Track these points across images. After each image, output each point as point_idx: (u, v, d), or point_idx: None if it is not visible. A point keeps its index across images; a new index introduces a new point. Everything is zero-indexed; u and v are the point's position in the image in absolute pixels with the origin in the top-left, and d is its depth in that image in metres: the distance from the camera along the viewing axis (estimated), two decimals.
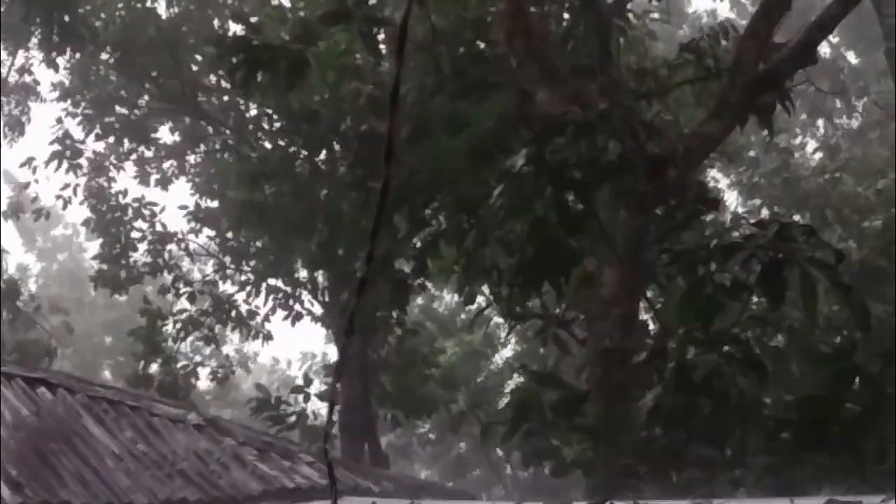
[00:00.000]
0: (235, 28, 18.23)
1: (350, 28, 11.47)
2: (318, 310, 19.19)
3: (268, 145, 17.78)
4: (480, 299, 13.86)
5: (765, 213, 18.77)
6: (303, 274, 18.94)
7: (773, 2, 8.98)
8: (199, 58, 19.51)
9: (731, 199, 21.42)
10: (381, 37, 11.54)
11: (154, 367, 20.09)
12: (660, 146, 9.33)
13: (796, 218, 15.22)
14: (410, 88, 12.51)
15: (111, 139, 20.72)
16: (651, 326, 12.11)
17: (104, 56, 19.96)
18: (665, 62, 12.02)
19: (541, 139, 8.69)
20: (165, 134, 21.73)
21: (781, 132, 20.30)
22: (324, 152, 16.08)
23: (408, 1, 2.83)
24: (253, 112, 18.82)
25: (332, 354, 16.04)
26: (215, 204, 20.50)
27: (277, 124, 16.90)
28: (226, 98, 19.86)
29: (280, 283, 19.37)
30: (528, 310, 10.89)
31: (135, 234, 20.75)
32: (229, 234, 20.15)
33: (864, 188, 14.60)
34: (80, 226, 23.97)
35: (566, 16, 11.99)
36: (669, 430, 8.34)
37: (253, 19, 14.16)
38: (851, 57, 30.02)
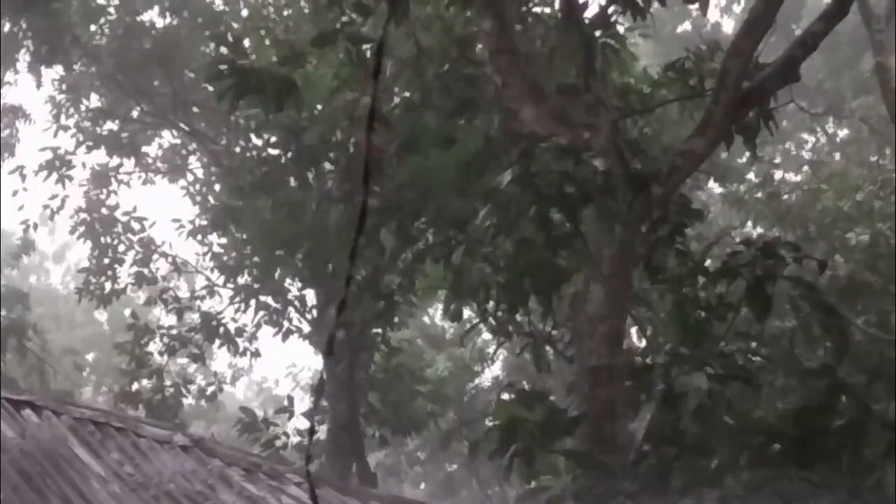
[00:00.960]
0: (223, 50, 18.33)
1: (339, 49, 11.51)
2: (306, 327, 19.16)
3: (257, 157, 17.79)
4: (468, 314, 13.88)
5: (748, 226, 18.88)
6: (292, 291, 18.91)
7: (756, 20, 9.04)
8: (190, 74, 19.54)
9: (715, 213, 21.52)
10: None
11: (140, 384, 20.03)
12: (644, 164, 9.38)
13: (779, 232, 15.31)
14: (398, 104, 12.56)
15: (101, 150, 20.74)
16: (637, 343, 12.14)
17: (95, 69, 19.98)
18: (648, 79, 12.09)
19: (525, 158, 8.74)
20: (156, 146, 21.81)
21: (766, 144, 20.42)
22: (313, 166, 16.09)
23: (383, 29, 2.85)
24: (242, 123, 18.85)
25: (323, 372, 15.98)
26: (205, 220, 20.50)
27: (266, 137, 16.90)
28: (215, 112, 19.90)
29: (269, 300, 19.34)
30: (517, 327, 10.93)
31: (122, 248, 20.73)
32: (217, 248, 20.13)
33: (843, 202, 14.71)
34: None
35: (550, 34, 12.04)
36: (658, 447, 8.36)
37: (245, 42, 14.21)
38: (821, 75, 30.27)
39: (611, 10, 10.36)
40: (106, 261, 20.64)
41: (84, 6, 19.20)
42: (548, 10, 12.11)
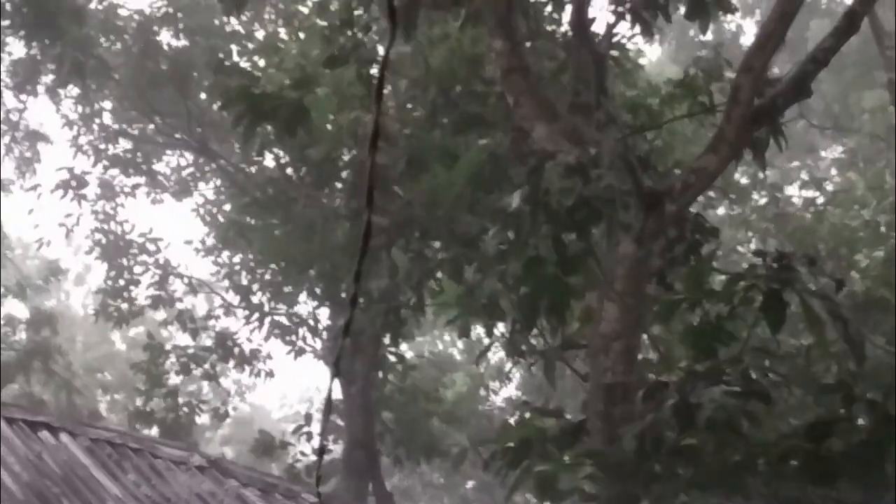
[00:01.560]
0: (237, 60, 18.47)
1: (348, 70, 11.58)
2: (319, 346, 19.20)
3: (265, 178, 17.88)
4: (479, 333, 13.84)
5: (756, 244, 18.86)
6: (306, 310, 18.97)
7: (768, 36, 9.05)
8: (202, 95, 19.70)
9: (725, 234, 21.50)
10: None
11: (154, 403, 20.13)
12: (655, 180, 9.40)
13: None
14: (407, 123, 12.62)
15: (117, 171, 20.89)
16: (652, 359, 12.10)
17: (108, 91, 20.16)
18: (656, 91, 12.10)
19: (535, 177, 8.76)
20: (168, 165, 21.95)
21: (770, 167, 20.41)
22: (321, 184, 16.16)
23: (385, 50, 2.89)
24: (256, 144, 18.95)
25: (337, 391, 16.02)
26: (214, 239, 20.61)
27: (275, 154, 17.01)
28: (228, 131, 20.01)
29: (283, 319, 19.40)
30: (530, 346, 10.91)
31: (138, 269, 20.85)
32: (230, 267, 20.20)
33: (850, 219, 14.69)
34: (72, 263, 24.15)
35: (559, 52, 12.10)
36: (672, 463, 8.34)
37: (259, 62, 14.27)
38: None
39: (620, 26, 10.40)
40: (122, 282, 20.77)
41: (103, 27, 19.39)
42: (556, 28, 12.18)
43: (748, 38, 29.96)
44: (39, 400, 21.33)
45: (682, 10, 10.55)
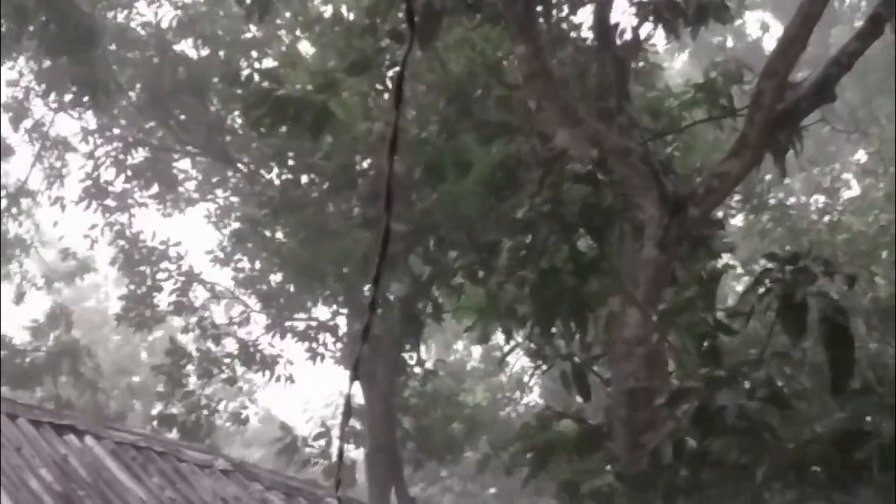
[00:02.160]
0: (257, 67, 18.55)
1: (370, 77, 11.59)
2: (339, 351, 19.26)
3: (284, 181, 17.95)
4: (498, 339, 13.85)
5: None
6: (325, 315, 19.03)
7: (791, 40, 9.03)
8: (216, 100, 19.82)
9: (742, 244, 21.41)
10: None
11: (176, 406, 20.25)
12: (676, 184, 9.38)
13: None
14: (424, 130, 12.65)
15: (140, 181, 21.02)
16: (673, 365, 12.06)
17: (126, 102, 20.31)
18: (676, 95, 12.07)
19: (549, 187, 8.77)
20: (186, 172, 22.07)
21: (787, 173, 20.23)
22: (338, 191, 16.20)
23: (404, 55, 2.90)
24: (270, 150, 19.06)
25: (359, 395, 16.06)
26: (230, 244, 20.73)
27: (292, 162, 17.07)
28: (244, 138, 20.14)
29: (302, 325, 19.47)
30: (553, 351, 10.89)
31: (161, 275, 20.99)
32: (249, 269, 20.29)
33: (866, 226, 14.60)
34: (108, 266, 24.35)
35: (581, 57, 12.09)
36: (696, 469, 8.31)
37: (273, 65, 14.32)
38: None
39: (643, 30, 10.39)
40: (143, 289, 20.90)
41: (121, 39, 19.52)
42: (577, 32, 12.18)
43: (769, 44, 29.84)
44: (67, 401, 21.49)
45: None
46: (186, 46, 20.34)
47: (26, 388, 21.61)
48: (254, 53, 20.04)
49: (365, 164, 14.78)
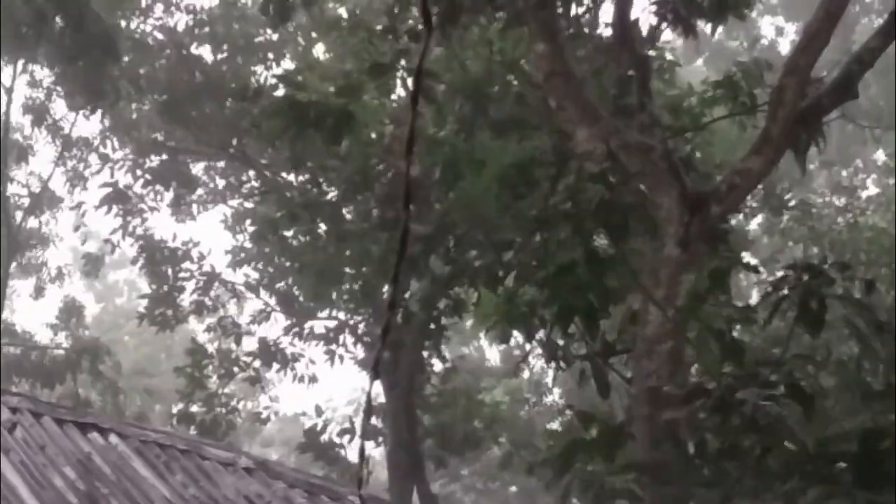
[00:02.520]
0: (274, 72, 18.61)
1: (390, 79, 11.58)
2: (360, 352, 19.29)
3: (302, 183, 18.00)
4: (517, 340, 13.83)
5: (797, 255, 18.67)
6: (343, 315, 19.05)
7: (813, 37, 8.98)
8: (232, 103, 19.87)
9: (762, 243, 21.34)
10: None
11: (196, 406, 20.35)
12: (696, 182, 9.36)
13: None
14: (442, 129, 12.64)
15: (158, 185, 21.11)
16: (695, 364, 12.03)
17: (145, 105, 20.42)
18: (696, 94, 12.04)
19: (568, 185, 8.76)
20: (203, 174, 22.15)
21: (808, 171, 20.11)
22: (356, 194, 16.24)
23: (421, 54, 2.91)
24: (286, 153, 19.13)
25: (381, 395, 16.09)
26: (249, 244, 20.79)
27: (310, 164, 17.12)
28: (258, 141, 20.22)
29: (323, 326, 19.52)
30: (570, 351, 10.89)
31: (183, 275, 21.08)
32: (270, 270, 20.35)
33: (887, 224, 14.52)
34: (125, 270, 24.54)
35: (600, 54, 12.07)
36: (720, 464, 8.29)
37: (293, 72, 14.32)
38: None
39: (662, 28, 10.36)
40: (165, 288, 21.00)
41: (137, 47, 19.60)
42: (596, 30, 12.15)
43: (785, 48, 29.76)
44: (85, 399, 21.61)
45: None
46: (203, 51, 20.43)
47: (45, 386, 21.76)
48: (270, 55, 20.10)
49: (382, 166, 14.80)
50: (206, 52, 20.41)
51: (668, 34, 10.82)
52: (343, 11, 16.55)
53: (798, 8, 31.51)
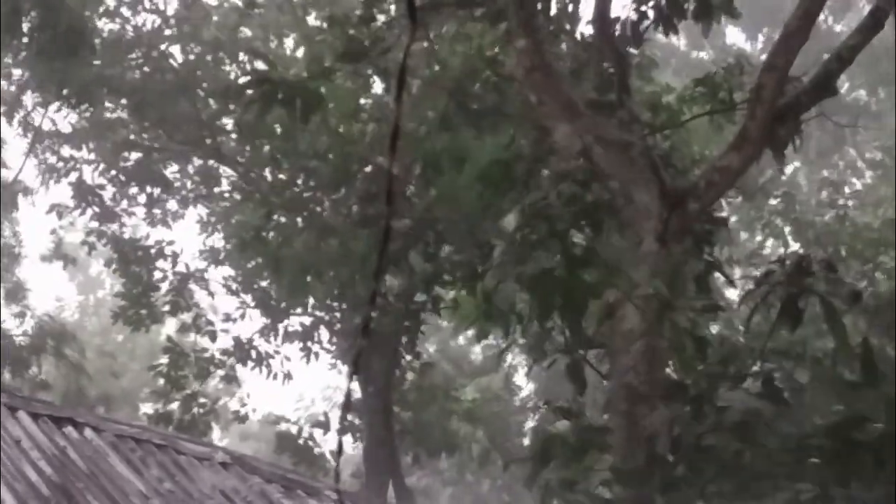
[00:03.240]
0: (250, 68, 18.53)
1: (363, 69, 11.56)
2: (336, 346, 19.22)
3: (280, 182, 17.93)
4: (495, 337, 13.83)
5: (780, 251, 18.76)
6: (320, 312, 18.99)
7: (792, 34, 9.03)
8: (212, 102, 19.78)
9: (744, 237, 21.43)
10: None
11: (173, 405, 20.24)
12: (674, 178, 9.38)
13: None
14: (422, 124, 12.64)
15: (132, 185, 20.95)
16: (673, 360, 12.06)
17: (121, 102, 20.26)
18: (672, 91, 12.10)
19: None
20: (177, 175, 21.98)
21: (790, 167, 20.23)
22: (335, 191, 16.20)
23: (405, 49, 2.89)
24: (266, 150, 19.05)
25: (356, 391, 16.04)
26: (226, 245, 20.68)
27: (287, 164, 17.06)
28: (237, 140, 20.13)
29: (298, 324, 19.44)
30: (550, 345, 10.90)
31: (157, 275, 20.93)
32: (246, 267, 20.25)
33: (871, 219, 14.63)
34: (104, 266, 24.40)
35: (580, 50, 12.08)
36: (694, 463, 8.31)
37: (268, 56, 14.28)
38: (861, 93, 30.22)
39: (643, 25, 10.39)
40: (140, 288, 20.84)
41: (107, 47, 19.46)
42: (576, 26, 12.17)
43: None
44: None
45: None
46: (174, 50, 20.29)
47: (16, 375, 21.57)
48: (241, 55, 20.01)
49: (359, 163, 14.78)
50: (176, 51, 20.29)
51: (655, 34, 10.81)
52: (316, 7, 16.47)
53: (761, 18, 31.78)
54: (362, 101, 14.06)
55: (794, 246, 16.64)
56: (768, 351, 8.61)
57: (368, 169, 14.66)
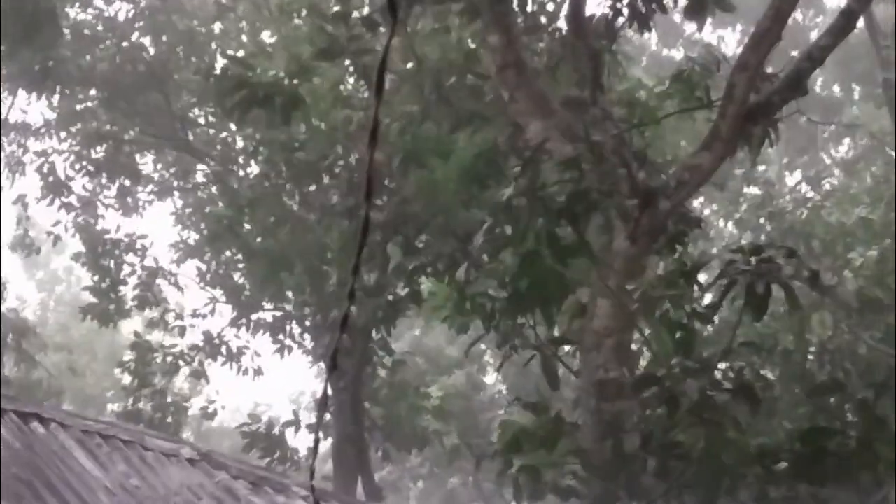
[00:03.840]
0: (222, 61, 18.40)
1: (342, 63, 11.53)
2: (307, 343, 19.10)
3: (254, 176, 17.81)
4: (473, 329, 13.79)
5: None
6: (291, 306, 18.87)
7: (764, 33, 9.06)
8: (186, 94, 19.62)
9: (720, 232, 21.51)
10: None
11: (143, 402, 20.05)
12: (649, 175, 9.40)
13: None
14: (400, 118, 12.60)
15: (102, 177, 20.73)
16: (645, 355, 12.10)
17: (92, 93, 20.04)
18: (650, 90, 12.09)
19: (531, 171, 8.75)
20: (151, 166, 21.79)
21: (764, 164, 20.34)
22: (313, 182, 16.09)
23: (386, 43, 2.86)
24: (240, 143, 18.91)
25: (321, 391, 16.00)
26: (196, 240, 20.53)
27: (263, 156, 16.93)
28: (212, 131, 19.97)
29: (268, 317, 19.31)
30: (523, 340, 10.89)
31: (125, 269, 20.72)
32: (217, 261, 20.12)
33: (846, 217, 14.73)
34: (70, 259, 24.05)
35: (555, 47, 12.07)
36: (663, 461, 8.34)
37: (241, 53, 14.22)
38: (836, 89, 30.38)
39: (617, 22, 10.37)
40: (108, 282, 20.63)
41: (78, 37, 19.26)
42: (551, 23, 12.15)
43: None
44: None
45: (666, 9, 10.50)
46: (145, 41, 20.11)
47: None
48: (214, 45, 19.85)
49: (341, 152, 14.68)
50: (147, 42, 20.10)
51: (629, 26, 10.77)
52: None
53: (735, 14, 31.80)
54: (341, 87, 13.94)
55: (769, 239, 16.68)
56: (740, 343, 8.65)
57: (350, 157, 14.59)
